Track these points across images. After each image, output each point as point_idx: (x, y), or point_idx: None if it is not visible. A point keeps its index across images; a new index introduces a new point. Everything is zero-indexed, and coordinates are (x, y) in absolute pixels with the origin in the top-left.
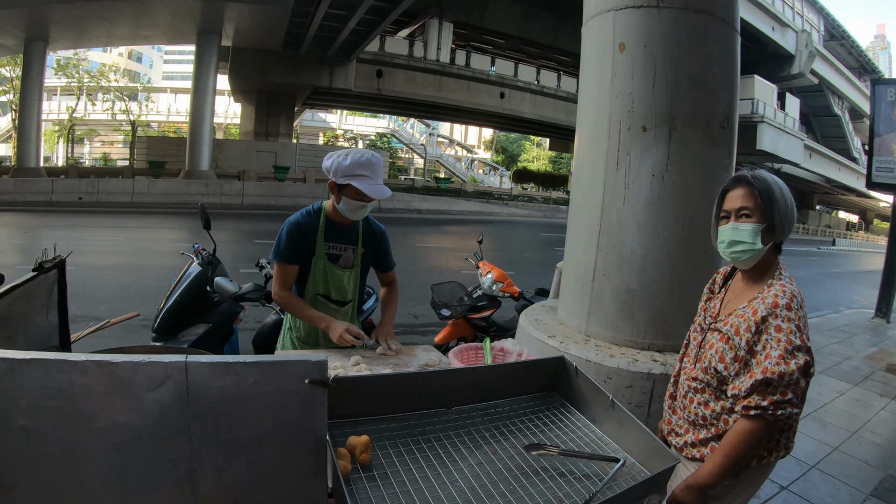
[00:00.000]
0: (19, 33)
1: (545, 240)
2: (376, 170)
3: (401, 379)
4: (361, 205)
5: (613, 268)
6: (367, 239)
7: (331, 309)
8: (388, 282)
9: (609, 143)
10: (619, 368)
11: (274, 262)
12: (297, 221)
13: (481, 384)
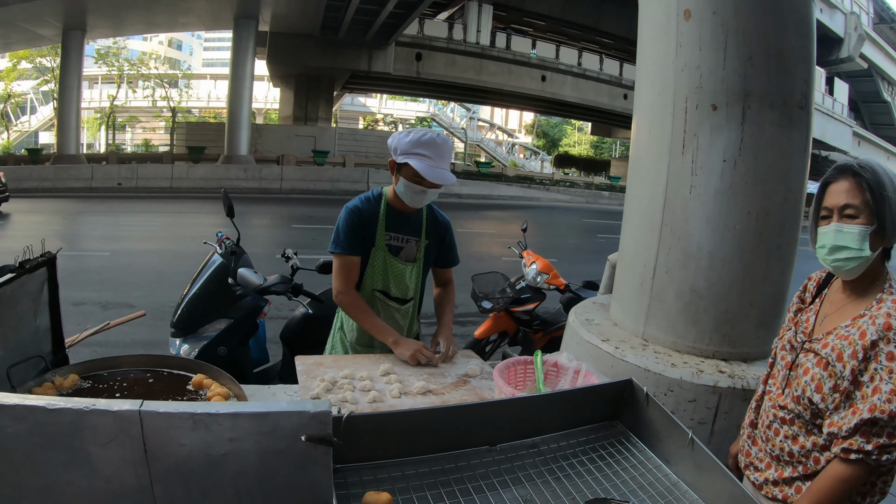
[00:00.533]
0: (57, 23)
1: (588, 226)
2: (440, 151)
3: (432, 415)
4: (420, 190)
5: (677, 265)
6: (432, 230)
7: (390, 307)
8: (445, 281)
9: (674, 123)
10: (681, 380)
11: (333, 256)
12: (356, 207)
13: (531, 416)
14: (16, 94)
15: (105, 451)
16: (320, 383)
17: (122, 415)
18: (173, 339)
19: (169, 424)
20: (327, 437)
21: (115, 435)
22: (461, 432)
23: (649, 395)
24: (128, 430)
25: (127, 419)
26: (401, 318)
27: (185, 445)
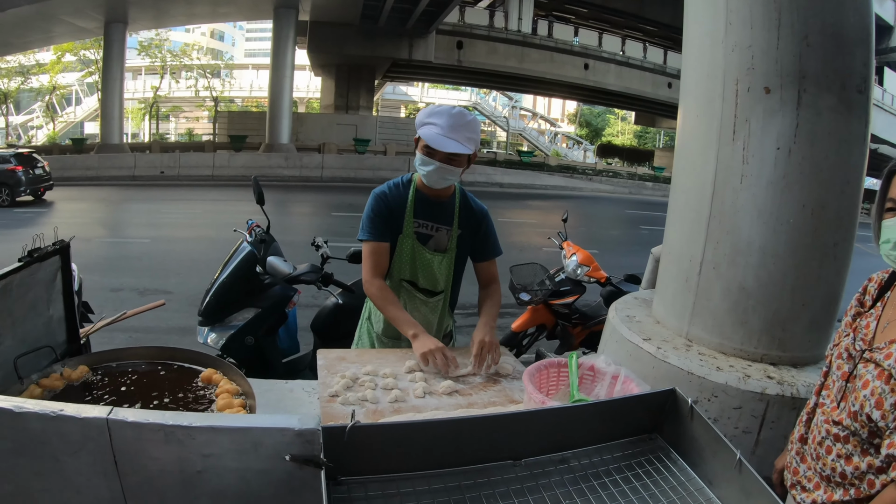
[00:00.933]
0: (99, 16)
1: (630, 217)
2: (452, 121)
3: (448, 426)
4: (434, 164)
5: (725, 260)
6: (465, 218)
7: (417, 299)
8: (488, 278)
9: (723, 107)
10: (726, 385)
11: (362, 244)
12: (383, 193)
13: (561, 428)
14: (61, 85)
15: (75, 461)
16: (340, 380)
17: (90, 422)
18: (201, 328)
19: (139, 436)
20: (315, 458)
21: (83, 443)
22: (482, 445)
23: (694, 407)
24: (96, 440)
25: (95, 427)
26: (429, 312)
27: (157, 459)
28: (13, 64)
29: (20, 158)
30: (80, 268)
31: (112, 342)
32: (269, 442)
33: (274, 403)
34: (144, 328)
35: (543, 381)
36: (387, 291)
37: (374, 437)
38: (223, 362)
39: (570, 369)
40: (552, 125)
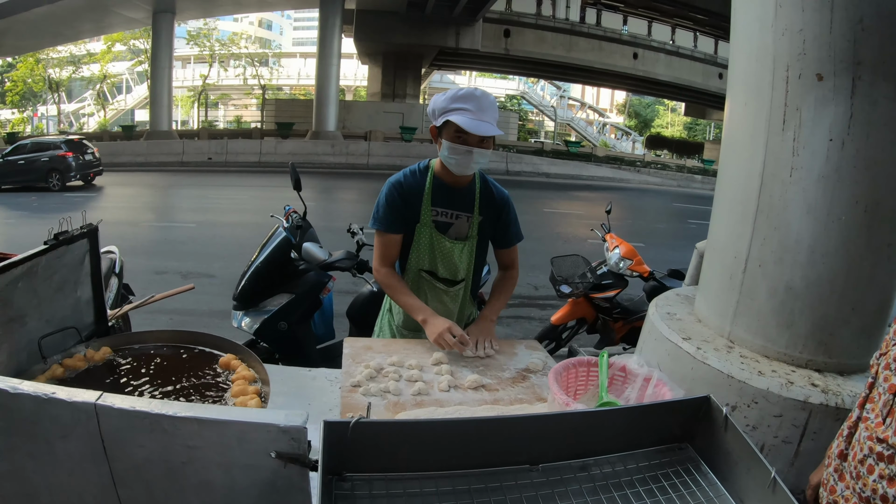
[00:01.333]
0: (147, 6)
1: (678, 211)
2: (480, 104)
3: (461, 426)
4: (465, 150)
5: (772, 258)
6: (485, 205)
7: (437, 289)
8: (507, 263)
9: (773, 95)
10: (768, 391)
11: (375, 232)
12: (398, 182)
13: (585, 433)
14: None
15: (65, 444)
16: (364, 370)
17: (79, 407)
18: (235, 312)
19: (126, 423)
20: (301, 457)
21: (73, 427)
22: (496, 447)
23: (729, 417)
24: (85, 424)
25: (83, 411)
26: (450, 301)
27: (144, 447)
28: (64, 54)
29: (70, 145)
30: (126, 251)
31: (154, 323)
32: (253, 437)
33: (294, 391)
34: (186, 310)
35: (571, 380)
36: (394, 278)
37: (380, 434)
38: (243, 348)
39: (600, 369)
40: (600, 115)
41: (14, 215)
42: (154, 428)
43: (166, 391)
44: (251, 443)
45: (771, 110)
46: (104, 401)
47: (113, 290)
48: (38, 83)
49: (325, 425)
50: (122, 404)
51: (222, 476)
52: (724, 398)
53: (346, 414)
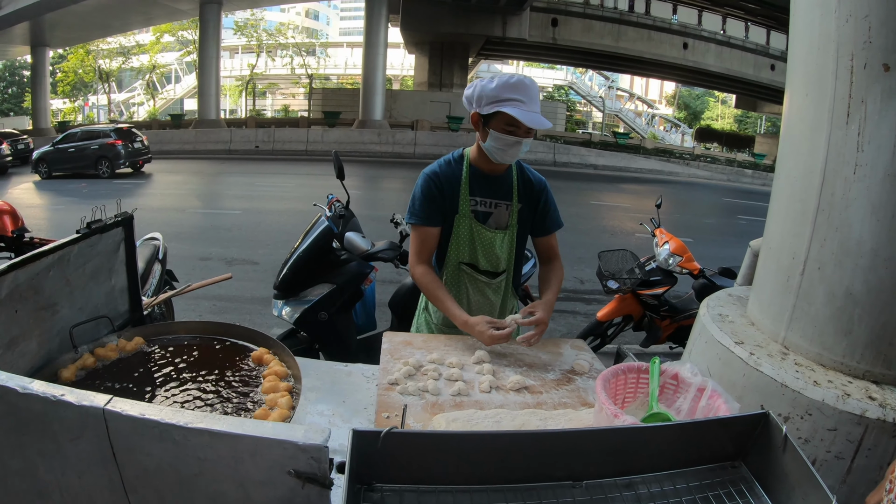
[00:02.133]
0: None
1: (728, 206)
2: (530, 94)
3: (499, 440)
4: (515, 140)
5: (832, 260)
6: (524, 192)
7: (478, 282)
8: (549, 254)
9: (836, 85)
10: (822, 403)
11: (409, 227)
12: (433, 172)
13: (632, 450)
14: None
15: (75, 447)
16: (403, 367)
17: (87, 411)
18: (276, 301)
19: (134, 430)
20: (320, 477)
21: (82, 430)
22: (536, 462)
23: (789, 437)
24: (94, 428)
25: (92, 416)
26: (492, 294)
27: (152, 456)
28: (114, 45)
29: (120, 133)
30: (171, 237)
31: (197, 309)
32: (268, 453)
33: (328, 387)
34: (228, 296)
35: (620, 387)
36: (431, 277)
37: (412, 445)
38: (276, 342)
39: (651, 377)
40: (649, 107)
41: (64, 201)
42: (164, 437)
43: (196, 385)
44: (266, 459)
45: (834, 102)
46: (113, 406)
47: (156, 277)
48: (89, 74)
49: (354, 434)
50: (131, 411)
51: (236, 490)
52: (777, 408)
53: (381, 413)
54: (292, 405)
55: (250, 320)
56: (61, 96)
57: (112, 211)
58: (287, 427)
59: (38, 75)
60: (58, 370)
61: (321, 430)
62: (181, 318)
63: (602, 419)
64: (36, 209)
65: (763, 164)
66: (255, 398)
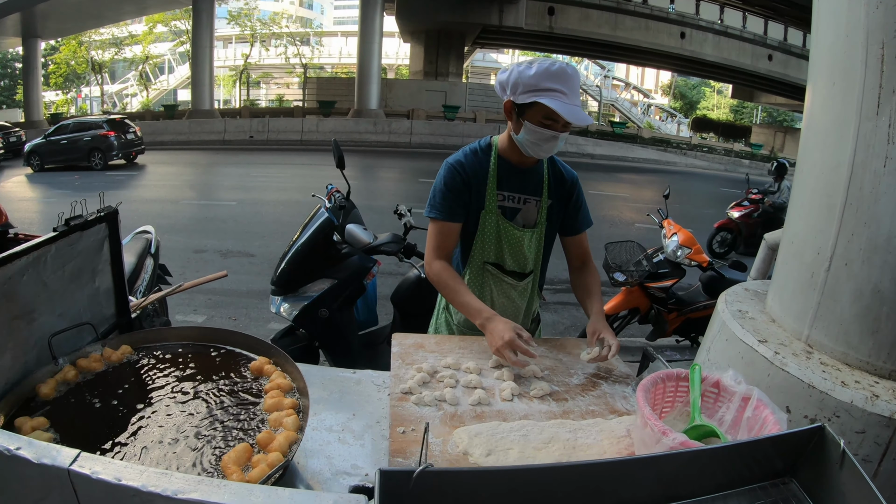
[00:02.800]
0: None
1: (726, 196)
2: (572, 85)
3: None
4: (552, 135)
5: (860, 256)
6: (555, 187)
7: (504, 283)
8: (580, 255)
9: (866, 75)
10: (851, 405)
11: (429, 220)
12: (459, 163)
13: (679, 474)
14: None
15: None
16: (416, 373)
17: (49, 471)
18: (273, 297)
19: (109, 497)
20: None
21: (46, 492)
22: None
23: (847, 452)
24: (60, 492)
25: (55, 477)
26: (518, 297)
27: None
28: (107, 36)
29: (112, 124)
30: (165, 229)
31: (191, 304)
32: None
33: (336, 399)
34: (224, 291)
35: (658, 397)
36: (449, 273)
37: (448, 483)
38: (277, 350)
39: (692, 385)
40: (645, 96)
41: (56, 194)
42: None
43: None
44: None
45: (863, 93)
46: (81, 466)
47: (148, 272)
48: (81, 65)
49: (382, 476)
50: (104, 474)
51: None
52: (804, 410)
53: (396, 428)
54: (300, 425)
55: (247, 314)
56: (54, 88)
57: (96, 205)
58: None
59: (29, 67)
60: (35, 385)
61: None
62: (175, 313)
63: (647, 436)
64: (28, 202)
65: (760, 153)
66: (257, 418)
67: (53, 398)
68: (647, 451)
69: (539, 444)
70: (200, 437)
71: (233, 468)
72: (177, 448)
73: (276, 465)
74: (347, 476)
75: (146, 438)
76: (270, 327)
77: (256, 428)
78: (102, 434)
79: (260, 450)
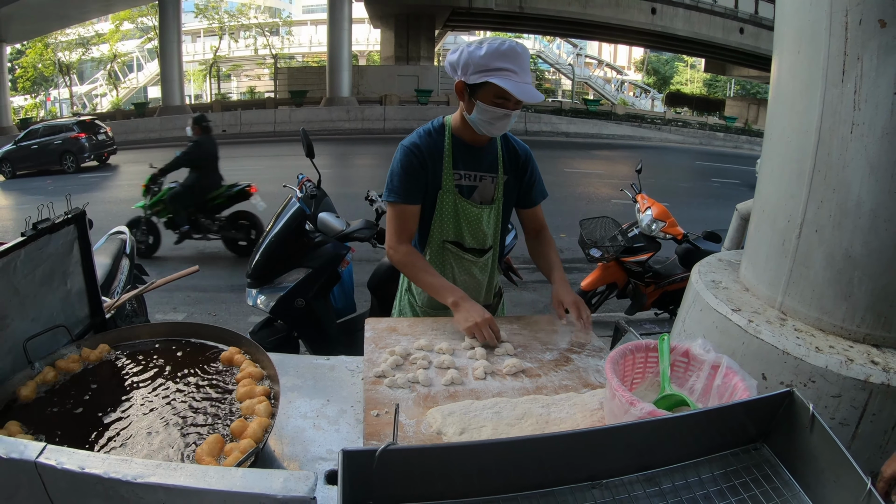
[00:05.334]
0: None
1: (701, 169)
2: (522, 63)
3: (509, 447)
4: (504, 113)
5: (830, 222)
6: (510, 163)
7: (464, 260)
8: (536, 225)
9: (830, 42)
10: (826, 369)
11: (387, 205)
12: (414, 145)
13: (652, 442)
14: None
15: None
16: (389, 356)
17: (17, 465)
18: (249, 290)
19: (74, 487)
20: None
21: (16, 488)
22: (551, 465)
23: (816, 415)
24: (28, 485)
25: (24, 470)
26: (479, 273)
27: None
28: (73, 36)
29: (83, 126)
30: None
31: (170, 301)
32: None
33: (310, 385)
34: (201, 286)
35: (628, 368)
36: (415, 256)
37: (412, 460)
38: (248, 340)
39: (661, 355)
40: (619, 73)
41: (29, 200)
42: (110, 496)
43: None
44: None
45: (828, 59)
46: (47, 458)
47: (124, 273)
48: (49, 68)
49: (344, 456)
50: (69, 464)
51: None
52: (779, 376)
53: (370, 411)
54: (272, 412)
55: (227, 309)
56: (21, 93)
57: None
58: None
59: None
60: (16, 389)
61: (305, 477)
62: (155, 312)
63: (616, 407)
64: (1, 210)
65: (734, 126)
66: (230, 408)
67: (34, 399)
68: (617, 422)
69: (512, 421)
70: (176, 430)
71: (207, 459)
72: (154, 442)
73: (248, 451)
74: (323, 461)
75: (122, 436)
76: (250, 320)
77: (229, 417)
78: (81, 434)
79: (233, 438)
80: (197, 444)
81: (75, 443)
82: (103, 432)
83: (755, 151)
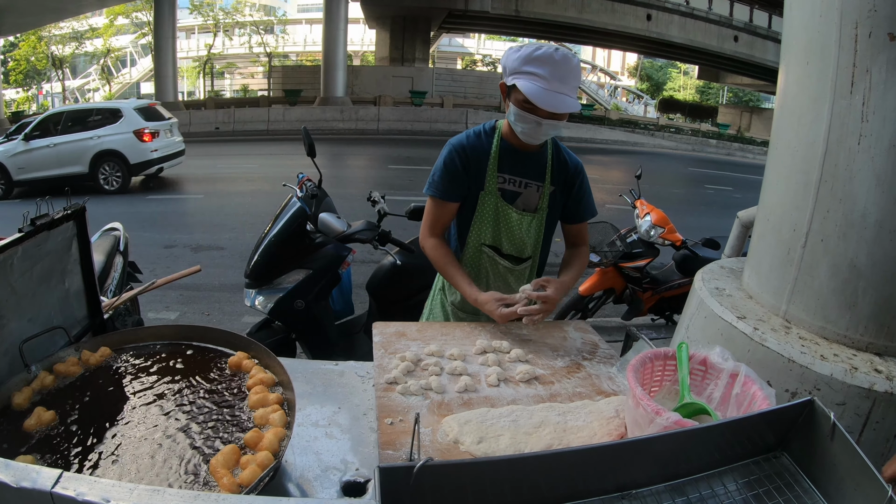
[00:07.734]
0: None
1: (694, 175)
2: (557, 70)
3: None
4: (534, 120)
5: (835, 233)
6: (558, 173)
7: (500, 267)
8: (577, 241)
9: (839, 54)
10: (831, 377)
11: (427, 198)
12: (460, 144)
13: (679, 452)
14: (115, 48)
15: None
16: (400, 362)
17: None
18: (248, 290)
19: None
20: None
21: None
22: (582, 477)
23: (837, 424)
24: None
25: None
26: (514, 282)
27: None
28: (67, 30)
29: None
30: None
31: (164, 301)
32: None
33: (320, 392)
34: (196, 286)
35: (647, 377)
36: (443, 249)
37: (449, 475)
38: (257, 344)
39: (679, 363)
40: (612, 78)
41: None
42: None
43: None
44: None
45: (837, 71)
46: (65, 488)
47: (118, 271)
48: (42, 61)
49: (381, 473)
50: (90, 494)
51: None
52: (784, 384)
53: (384, 419)
54: (287, 421)
55: (220, 309)
56: (14, 86)
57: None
58: None
59: None
60: (10, 395)
61: None
62: (147, 311)
63: (640, 416)
64: None
65: (727, 133)
66: (241, 416)
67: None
68: (641, 432)
69: (529, 429)
70: (185, 441)
71: (222, 472)
72: (163, 455)
73: (268, 467)
74: (337, 471)
75: (130, 446)
76: (245, 321)
77: (241, 426)
78: (85, 444)
79: (248, 449)
80: (207, 454)
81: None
82: (104, 444)
83: (747, 159)
